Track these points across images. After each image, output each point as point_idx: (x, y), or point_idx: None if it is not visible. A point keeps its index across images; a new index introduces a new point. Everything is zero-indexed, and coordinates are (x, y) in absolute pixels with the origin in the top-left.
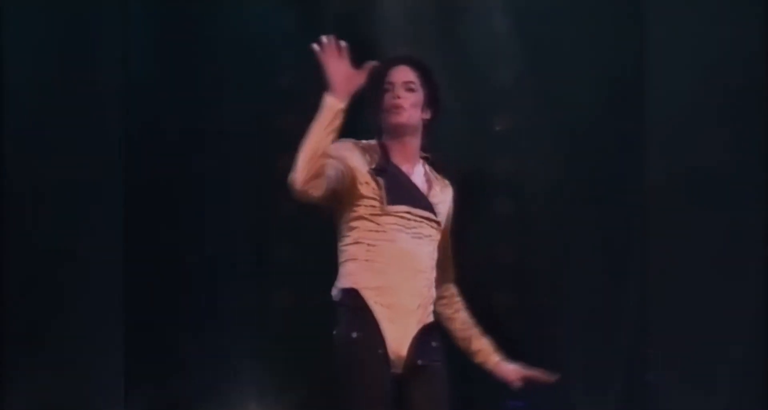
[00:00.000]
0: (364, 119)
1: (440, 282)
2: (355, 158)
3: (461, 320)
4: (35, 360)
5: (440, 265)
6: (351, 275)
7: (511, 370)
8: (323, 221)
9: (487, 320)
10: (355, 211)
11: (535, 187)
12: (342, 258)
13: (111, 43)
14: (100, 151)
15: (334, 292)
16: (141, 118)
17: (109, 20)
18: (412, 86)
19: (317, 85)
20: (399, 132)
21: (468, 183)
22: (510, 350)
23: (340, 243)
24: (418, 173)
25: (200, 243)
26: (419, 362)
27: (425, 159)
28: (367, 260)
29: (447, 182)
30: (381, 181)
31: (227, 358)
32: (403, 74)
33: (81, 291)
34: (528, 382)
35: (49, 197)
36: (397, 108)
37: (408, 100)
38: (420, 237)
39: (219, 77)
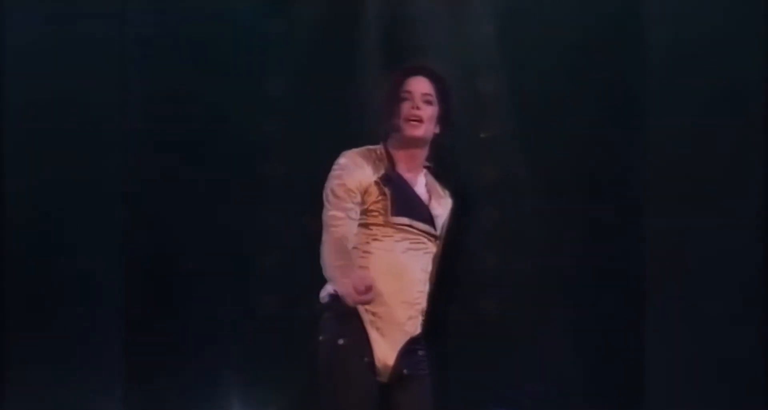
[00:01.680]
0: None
1: None
2: (366, 176)
3: None
4: (35, 360)
5: None
6: None
7: None
8: (312, 228)
9: (477, 326)
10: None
11: (535, 189)
12: None
13: (110, 45)
14: (99, 151)
15: (323, 294)
16: (139, 123)
17: (108, 21)
18: (430, 99)
19: (305, 90)
20: (412, 144)
21: (461, 190)
22: (500, 356)
23: None
24: (421, 183)
25: (193, 248)
26: (405, 372)
27: (428, 168)
28: (360, 267)
29: (447, 193)
30: (388, 191)
31: (225, 360)
32: (422, 85)
33: (81, 292)
34: None
35: (49, 197)
36: (417, 120)
37: (426, 113)
38: (416, 250)
39: (211, 82)
